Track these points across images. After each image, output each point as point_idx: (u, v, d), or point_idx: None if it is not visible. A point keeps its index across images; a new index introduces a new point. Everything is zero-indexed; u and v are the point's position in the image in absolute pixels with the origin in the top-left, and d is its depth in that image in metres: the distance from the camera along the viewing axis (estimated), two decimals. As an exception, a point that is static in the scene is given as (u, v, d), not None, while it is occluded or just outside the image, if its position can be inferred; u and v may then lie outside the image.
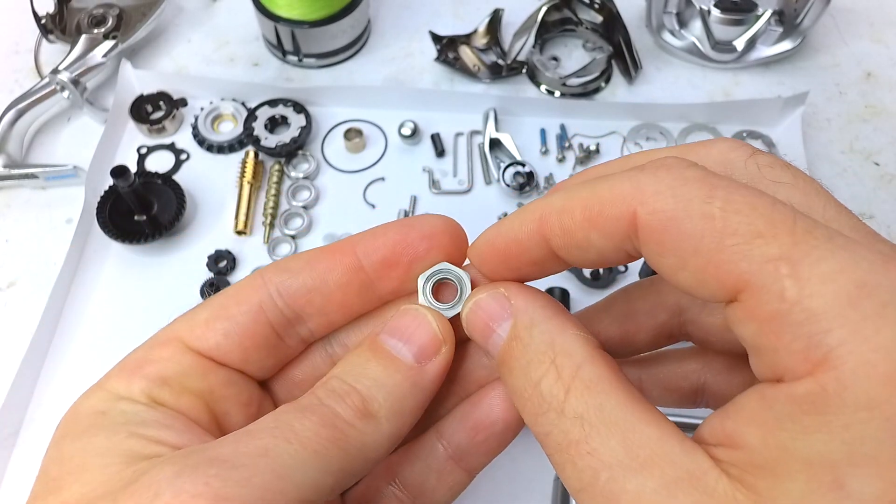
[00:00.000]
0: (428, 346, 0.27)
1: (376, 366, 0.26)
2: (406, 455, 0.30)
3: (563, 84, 0.73)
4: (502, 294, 0.27)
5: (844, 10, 0.81)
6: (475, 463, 0.30)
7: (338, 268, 0.28)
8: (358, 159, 0.70)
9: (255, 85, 0.72)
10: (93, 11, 0.75)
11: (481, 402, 0.29)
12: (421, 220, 0.30)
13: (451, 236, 0.30)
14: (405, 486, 0.30)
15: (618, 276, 0.62)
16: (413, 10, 0.82)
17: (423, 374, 0.26)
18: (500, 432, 0.29)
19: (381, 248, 0.28)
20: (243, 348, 0.28)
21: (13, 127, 0.68)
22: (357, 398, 0.25)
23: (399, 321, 0.27)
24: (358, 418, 0.24)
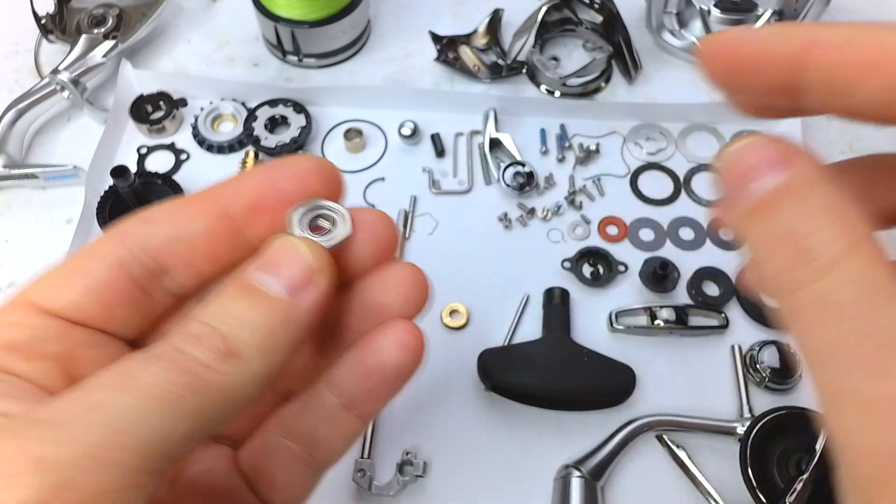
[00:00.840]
0: (300, 276, 0.25)
1: (242, 303, 0.24)
2: (296, 406, 0.29)
3: (563, 84, 0.73)
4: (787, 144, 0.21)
5: (844, 10, 0.81)
6: (367, 409, 0.29)
7: (201, 215, 0.27)
8: (358, 159, 0.70)
9: (255, 85, 0.72)
10: (93, 11, 0.75)
11: (370, 348, 0.28)
12: (288, 160, 0.28)
13: (323, 176, 0.28)
14: (297, 437, 0.29)
15: (618, 276, 0.62)
16: (413, 10, 0.82)
17: (297, 307, 0.24)
18: (390, 379, 0.28)
19: (246, 192, 0.27)
20: (104, 305, 0.26)
21: (13, 127, 0.68)
22: (218, 339, 0.23)
23: (268, 254, 0.25)
24: (219, 360, 0.23)
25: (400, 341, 0.28)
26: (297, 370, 0.31)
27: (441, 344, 0.59)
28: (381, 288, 0.29)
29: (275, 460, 0.29)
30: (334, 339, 0.30)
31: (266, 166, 0.28)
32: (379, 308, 0.29)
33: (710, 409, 0.56)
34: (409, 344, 0.28)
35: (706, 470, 0.53)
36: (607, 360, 0.55)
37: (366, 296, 0.29)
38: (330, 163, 0.28)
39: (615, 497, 0.53)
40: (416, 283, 0.29)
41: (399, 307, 0.29)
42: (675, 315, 0.59)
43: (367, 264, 0.29)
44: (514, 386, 0.54)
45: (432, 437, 0.55)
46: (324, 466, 0.30)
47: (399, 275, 0.29)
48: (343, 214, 0.27)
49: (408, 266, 0.29)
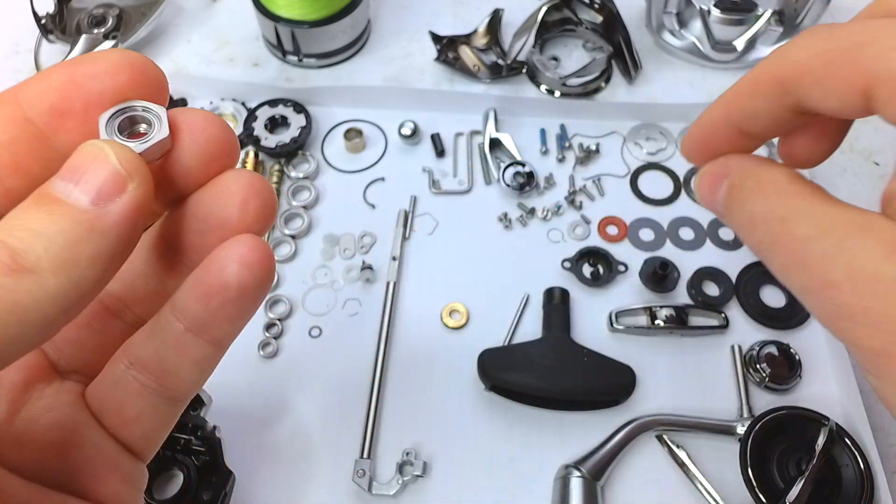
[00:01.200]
0: (107, 183, 0.22)
1: (37, 213, 0.22)
2: (142, 334, 0.27)
3: (563, 84, 0.73)
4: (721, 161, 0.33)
5: (844, 10, 0.81)
6: (217, 333, 0.26)
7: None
8: (358, 159, 0.70)
9: (255, 85, 0.72)
10: (93, 11, 0.75)
11: (211, 267, 0.25)
12: (93, 55, 0.25)
13: (133, 71, 0.25)
14: (144, 366, 0.27)
15: (618, 276, 0.62)
16: (413, 10, 0.82)
17: (104, 217, 0.22)
18: (234, 298, 0.25)
19: (45, 92, 0.24)
20: None
21: (13, 127, 0.68)
22: (5, 252, 0.20)
23: (71, 161, 0.23)
24: (5, 276, 0.20)
25: (240, 257, 0.25)
26: (143, 295, 0.29)
27: (441, 344, 0.59)
28: (215, 199, 0.26)
29: (122, 392, 0.27)
30: (177, 257, 0.27)
31: (69, 63, 0.25)
32: (215, 221, 0.26)
33: (710, 409, 0.56)
34: (251, 260, 0.25)
35: (706, 470, 0.53)
36: (607, 360, 0.55)
37: (201, 208, 0.26)
38: (144, 58, 0.25)
39: (615, 497, 0.53)
40: (255, 192, 0.26)
41: (237, 219, 0.26)
42: (675, 315, 0.59)
43: (199, 173, 0.26)
44: (514, 386, 0.54)
45: (432, 437, 0.55)
46: (178, 397, 0.28)
47: (235, 184, 0.26)
48: (160, 116, 0.25)
49: (245, 173, 0.26)
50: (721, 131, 0.35)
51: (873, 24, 0.28)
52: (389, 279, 0.62)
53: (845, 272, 0.28)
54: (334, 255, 0.64)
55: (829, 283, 0.29)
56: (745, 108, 0.33)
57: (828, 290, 0.29)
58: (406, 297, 0.62)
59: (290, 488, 0.53)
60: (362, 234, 0.65)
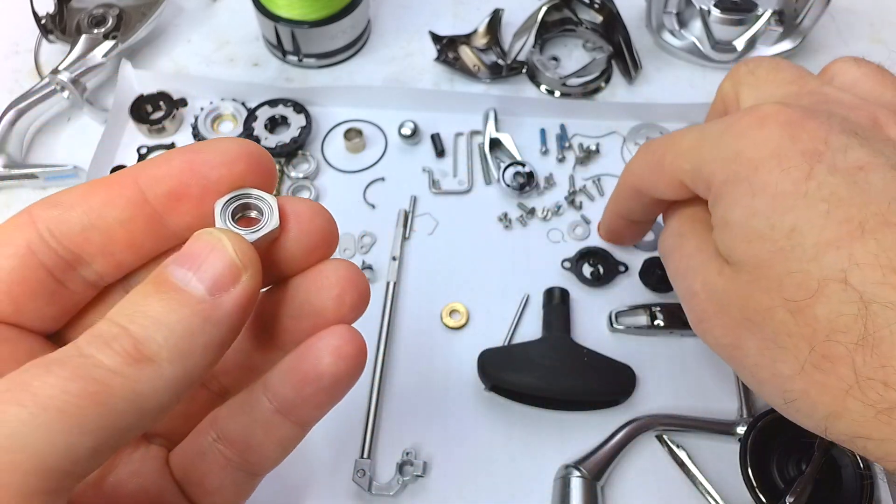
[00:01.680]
0: (223, 274, 0.23)
1: (157, 301, 0.22)
2: (231, 409, 0.28)
3: (563, 84, 0.73)
4: None
5: (844, 10, 0.81)
6: (305, 417, 0.27)
7: (117, 201, 0.25)
8: (358, 159, 0.70)
9: (255, 85, 0.72)
10: (93, 11, 0.75)
11: (308, 355, 0.26)
12: (211, 144, 0.26)
13: (249, 162, 0.26)
14: (230, 440, 0.27)
15: (617, 276, 0.62)
16: (413, 10, 0.82)
17: (218, 307, 0.22)
18: (327, 387, 0.26)
19: (165, 177, 0.25)
20: (13, 298, 0.24)
21: (13, 127, 0.68)
22: (128, 341, 0.21)
23: (189, 248, 0.23)
24: (127, 365, 0.21)
25: (336, 349, 0.26)
26: (232, 367, 0.29)
27: (441, 344, 0.59)
28: (314, 289, 0.27)
29: (207, 464, 0.28)
30: (269, 336, 0.28)
31: (188, 149, 0.26)
32: (312, 309, 0.27)
33: (710, 409, 0.56)
34: (346, 352, 0.26)
35: (706, 470, 0.53)
36: (607, 360, 0.55)
37: (300, 295, 0.27)
38: (259, 147, 0.26)
39: (615, 497, 0.53)
40: (352, 285, 0.27)
41: (333, 310, 0.27)
42: (675, 315, 0.59)
43: (301, 260, 0.27)
44: (514, 386, 0.54)
45: (432, 437, 0.55)
46: (259, 472, 0.29)
47: (334, 274, 0.27)
48: (271, 205, 0.25)
49: (344, 265, 0.28)
50: (617, 223, 0.52)
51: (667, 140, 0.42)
52: (389, 279, 0.62)
53: (701, 284, 0.37)
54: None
55: (693, 293, 0.38)
56: (623, 206, 0.50)
57: (693, 297, 0.38)
58: (406, 297, 0.62)
59: (290, 488, 0.53)
60: (362, 234, 0.65)
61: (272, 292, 0.28)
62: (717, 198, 0.36)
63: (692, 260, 0.39)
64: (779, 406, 0.34)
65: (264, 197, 0.26)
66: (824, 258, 0.30)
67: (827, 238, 0.30)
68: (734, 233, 0.34)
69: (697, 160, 0.38)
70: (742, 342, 0.34)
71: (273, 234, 0.26)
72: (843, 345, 0.29)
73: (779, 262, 0.32)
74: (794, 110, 0.34)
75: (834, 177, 0.31)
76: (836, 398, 0.30)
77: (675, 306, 0.59)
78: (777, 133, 0.34)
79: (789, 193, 0.32)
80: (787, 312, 0.31)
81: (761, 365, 0.34)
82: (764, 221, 0.32)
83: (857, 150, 0.32)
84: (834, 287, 0.29)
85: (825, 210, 0.31)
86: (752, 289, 0.33)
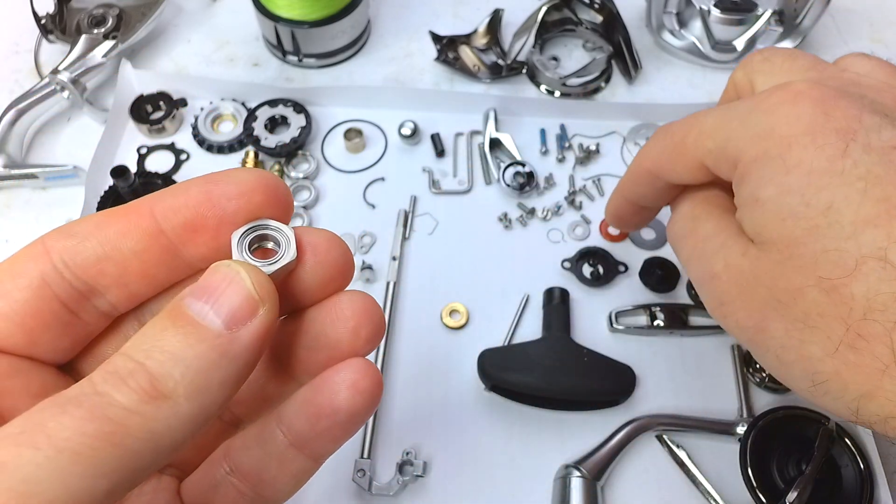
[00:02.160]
0: (241, 308, 0.22)
1: (174, 335, 0.22)
2: (244, 440, 0.28)
3: (563, 84, 0.73)
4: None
5: (844, 10, 0.81)
6: (320, 450, 0.27)
7: (132, 232, 0.24)
8: (358, 159, 0.70)
9: (255, 85, 0.72)
10: (93, 11, 0.75)
11: (324, 388, 0.26)
12: (229, 174, 0.25)
13: (266, 193, 0.25)
14: (243, 474, 0.27)
15: (617, 277, 0.62)
16: (413, 10, 0.82)
17: (235, 341, 0.22)
18: (343, 421, 0.26)
19: (181, 208, 0.25)
20: (27, 329, 0.24)
21: (13, 127, 0.68)
22: (144, 378, 0.20)
23: (206, 280, 0.23)
24: (144, 402, 0.20)
25: (354, 384, 0.26)
26: (245, 398, 0.29)
27: (441, 344, 0.59)
28: (329, 321, 0.27)
29: (219, 496, 0.27)
30: (283, 366, 0.28)
31: (205, 180, 0.25)
32: (327, 341, 0.27)
33: (710, 409, 0.56)
34: (362, 387, 0.26)
35: (706, 470, 0.53)
36: (607, 360, 0.55)
37: (315, 327, 0.27)
38: (275, 177, 0.26)
39: (615, 497, 0.53)
40: (368, 318, 0.27)
41: (348, 343, 0.27)
42: (675, 315, 0.59)
43: (317, 291, 0.27)
44: (514, 386, 0.54)
45: (432, 437, 0.55)
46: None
47: (349, 307, 0.27)
48: (288, 237, 0.25)
49: (359, 297, 0.27)
50: (625, 208, 0.49)
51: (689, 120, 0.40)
52: (389, 279, 0.62)
53: (723, 266, 0.36)
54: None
55: (714, 275, 0.37)
56: (633, 191, 0.47)
57: (713, 280, 0.37)
58: (406, 297, 0.62)
59: (290, 488, 0.53)
60: (362, 234, 0.65)
61: (287, 323, 0.28)
62: (744, 175, 0.35)
63: (710, 242, 0.38)
64: (803, 389, 0.33)
65: (281, 228, 0.25)
66: (862, 236, 0.30)
67: (864, 216, 0.30)
68: (766, 211, 0.33)
69: (723, 138, 0.37)
70: (767, 324, 0.34)
71: (290, 266, 0.25)
72: (880, 323, 0.29)
73: (813, 239, 0.31)
74: (827, 88, 0.34)
75: (869, 155, 0.31)
76: (871, 378, 0.29)
77: (675, 306, 0.59)
78: (810, 109, 0.33)
79: (825, 171, 0.31)
80: (821, 291, 0.31)
81: (788, 347, 0.33)
82: (798, 199, 0.32)
83: (890, 129, 0.32)
84: (872, 265, 0.29)
85: (862, 188, 0.30)
86: (782, 268, 0.32)
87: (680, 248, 0.43)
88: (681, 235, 0.42)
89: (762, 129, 0.34)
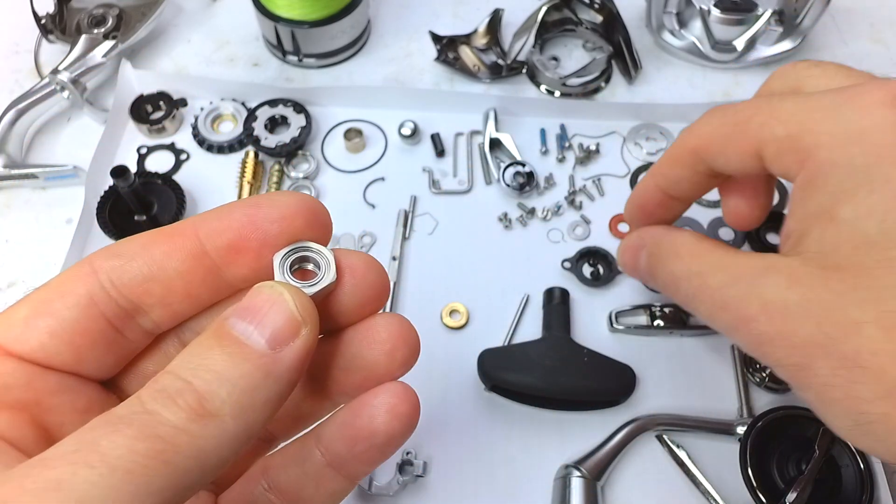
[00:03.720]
0: (284, 328, 0.23)
1: (220, 355, 0.22)
2: (283, 459, 0.28)
3: (563, 84, 0.73)
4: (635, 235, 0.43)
5: (844, 10, 0.81)
6: (356, 471, 0.28)
7: (177, 253, 0.25)
8: (358, 159, 0.70)
9: (255, 85, 0.72)
10: (93, 11, 0.75)
11: (362, 412, 0.27)
12: (271, 198, 0.26)
13: (307, 216, 0.26)
14: (281, 491, 0.28)
15: (617, 277, 0.62)
16: (413, 10, 0.82)
17: (279, 361, 0.23)
18: (380, 444, 0.27)
19: (225, 231, 0.25)
20: (74, 347, 0.24)
21: (13, 127, 0.68)
22: (192, 397, 0.21)
23: (250, 301, 0.24)
24: (192, 421, 0.21)
25: (392, 408, 0.27)
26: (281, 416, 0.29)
27: (441, 344, 0.59)
28: (365, 343, 0.27)
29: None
30: (319, 386, 0.28)
31: (248, 203, 0.26)
32: (363, 363, 0.27)
33: (710, 409, 0.56)
34: (400, 411, 0.27)
35: (706, 470, 0.53)
36: (607, 360, 0.55)
37: (352, 349, 0.28)
38: (316, 201, 0.27)
39: (615, 497, 0.53)
40: (404, 341, 0.28)
41: (384, 365, 0.27)
42: (675, 315, 0.59)
43: (354, 313, 0.28)
44: (514, 386, 0.54)
45: (432, 437, 0.55)
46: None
47: (386, 329, 0.28)
48: (328, 259, 0.26)
49: (396, 319, 0.28)
50: (653, 196, 0.44)
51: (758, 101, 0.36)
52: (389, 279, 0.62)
53: (758, 306, 0.32)
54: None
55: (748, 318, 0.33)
56: (669, 175, 0.42)
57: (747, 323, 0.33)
58: (406, 297, 0.62)
59: (290, 488, 0.53)
60: (362, 234, 0.65)
61: (323, 343, 0.28)
62: (816, 180, 0.31)
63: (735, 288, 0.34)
64: (842, 427, 0.30)
65: (322, 251, 0.26)
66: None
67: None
68: (841, 233, 0.30)
69: (799, 128, 0.32)
70: (811, 362, 0.30)
71: (330, 288, 0.26)
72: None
73: (886, 273, 0.28)
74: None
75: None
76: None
77: (676, 306, 0.59)
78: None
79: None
80: (879, 328, 0.28)
81: (833, 386, 0.29)
82: (878, 224, 0.28)
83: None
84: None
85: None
86: (841, 300, 0.29)
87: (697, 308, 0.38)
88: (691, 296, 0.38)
89: (851, 130, 0.30)
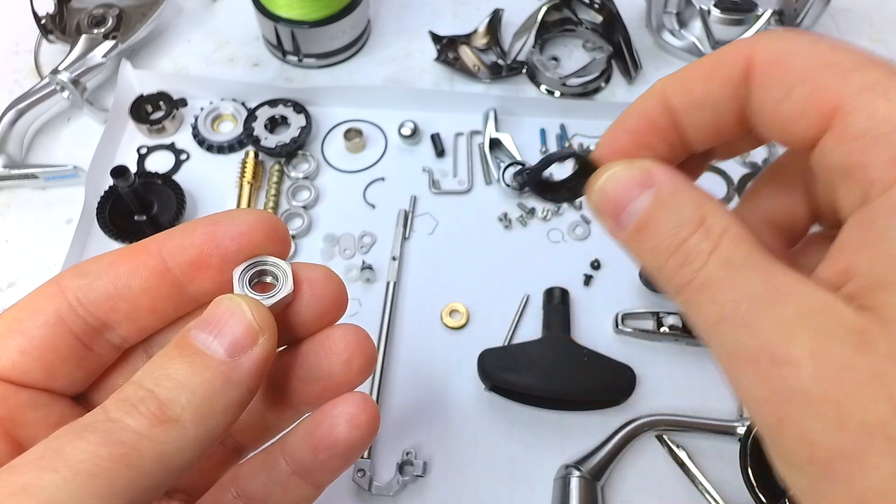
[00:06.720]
0: (242, 337, 0.24)
1: (181, 364, 0.23)
2: (251, 467, 0.29)
3: (563, 84, 0.73)
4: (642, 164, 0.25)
5: (844, 10, 0.81)
6: (320, 479, 0.29)
7: (141, 271, 0.26)
8: (358, 159, 0.70)
9: (255, 85, 0.72)
10: (93, 11, 0.75)
11: (323, 422, 0.28)
12: (231, 215, 0.28)
13: (266, 232, 0.27)
14: (250, 499, 0.29)
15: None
16: (413, 10, 0.82)
17: (238, 368, 0.24)
18: (341, 453, 0.28)
19: (188, 248, 0.27)
20: (45, 364, 0.25)
21: (13, 127, 0.68)
22: (154, 404, 0.22)
23: (210, 313, 0.25)
24: (154, 426, 0.22)
25: (352, 418, 0.28)
26: (246, 426, 0.31)
27: (441, 344, 0.59)
28: (323, 354, 0.28)
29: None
30: (281, 396, 0.30)
31: (209, 221, 0.27)
32: (321, 373, 0.28)
33: (710, 409, 0.56)
34: (360, 421, 0.28)
35: (706, 470, 0.53)
36: (607, 360, 0.55)
37: (310, 359, 0.29)
38: (274, 217, 0.28)
39: (615, 497, 0.53)
40: (360, 351, 0.29)
41: (341, 375, 0.28)
42: (683, 323, 0.58)
43: (312, 324, 0.29)
44: (514, 386, 0.54)
45: (432, 437, 0.55)
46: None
47: (342, 340, 0.28)
48: (286, 272, 0.27)
49: (352, 330, 0.29)
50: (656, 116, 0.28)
51: None
52: (389, 279, 0.62)
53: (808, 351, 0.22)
54: (334, 255, 0.64)
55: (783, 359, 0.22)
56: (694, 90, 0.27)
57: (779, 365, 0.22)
58: (406, 297, 0.62)
59: (290, 488, 0.53)
60: (362, 234, 0.65)
61: (284, 355, 0.29)
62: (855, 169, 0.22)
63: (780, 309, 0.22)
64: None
65: (279, 264, 0.27)
66: None
67: None
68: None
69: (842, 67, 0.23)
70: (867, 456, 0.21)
71: (287, 299, 0.27)
72: None
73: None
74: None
75: None
76: None
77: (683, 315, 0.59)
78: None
79: None
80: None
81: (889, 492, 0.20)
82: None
83: None
84: None
85: None
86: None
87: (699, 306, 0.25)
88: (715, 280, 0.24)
89: None
